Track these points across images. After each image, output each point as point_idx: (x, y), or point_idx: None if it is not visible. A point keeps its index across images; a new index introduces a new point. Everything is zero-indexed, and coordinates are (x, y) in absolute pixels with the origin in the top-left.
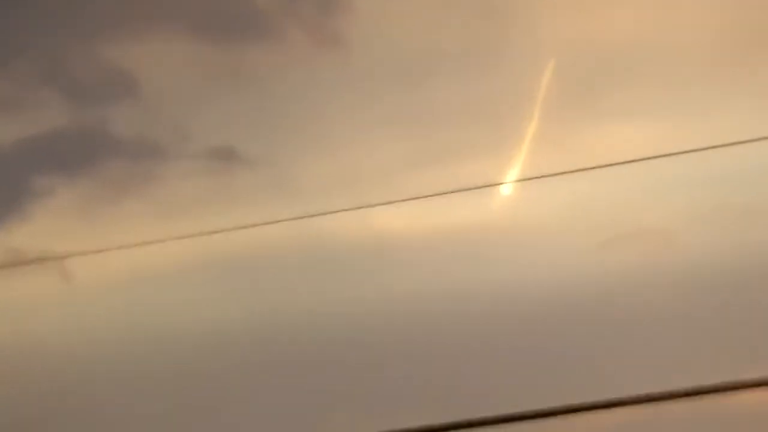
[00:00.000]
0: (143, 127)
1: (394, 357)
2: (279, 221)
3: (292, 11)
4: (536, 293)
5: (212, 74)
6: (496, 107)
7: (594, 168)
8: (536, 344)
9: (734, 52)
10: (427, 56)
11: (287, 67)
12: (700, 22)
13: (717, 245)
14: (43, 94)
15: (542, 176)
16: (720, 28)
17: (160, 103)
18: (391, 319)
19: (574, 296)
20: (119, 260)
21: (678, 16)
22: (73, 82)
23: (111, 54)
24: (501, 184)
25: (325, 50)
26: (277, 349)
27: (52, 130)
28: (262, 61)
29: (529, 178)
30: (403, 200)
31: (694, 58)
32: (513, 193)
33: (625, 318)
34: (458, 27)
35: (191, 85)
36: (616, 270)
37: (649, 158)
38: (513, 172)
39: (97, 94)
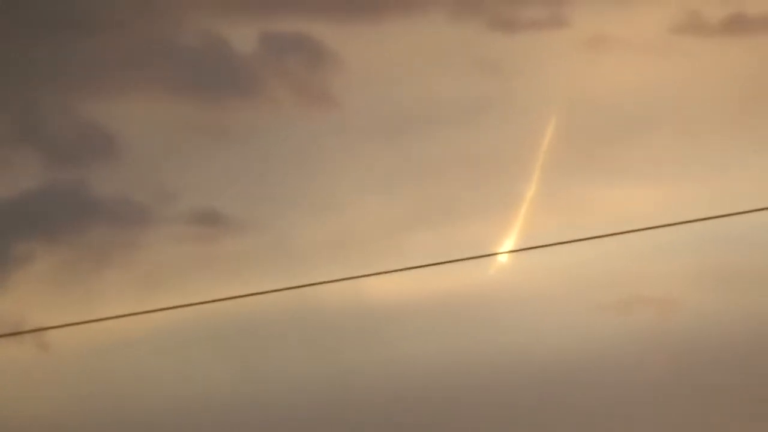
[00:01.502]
0: (125, 189)
1: (386, 426)
2: (268, 292)
3: (280, 68)
4: (535, 362)
5: (197, 133)
6: (494, 166)
7: (596, 237)
8: (534, 413)
9: (749, 108)
10: (422, 112)
11: (276, 126)
12: (718, 75)
13: (721, 312)
14: (20, 153)
15: (542, 246)
16: (737, 82)
17: (142, 164)
18: (385, 389)
19: (573, 364)
20: (99, 331)
21: (689, 71)
22: (51, 140)
23: (91, 112)
24: (498, 254)
25: (314, 107)
26: (262, 420)
27: (30, 191)
28: (249, 120)
29: (528, 248)
30: (398, 270)
31: (706, 114)
32: (511, 259)
33: (626, 385)
34: (455, 81)
35: (175, 144)
36: (617, 338)
37: (652, 228)
38: (511, 239)
39: (76, 153)
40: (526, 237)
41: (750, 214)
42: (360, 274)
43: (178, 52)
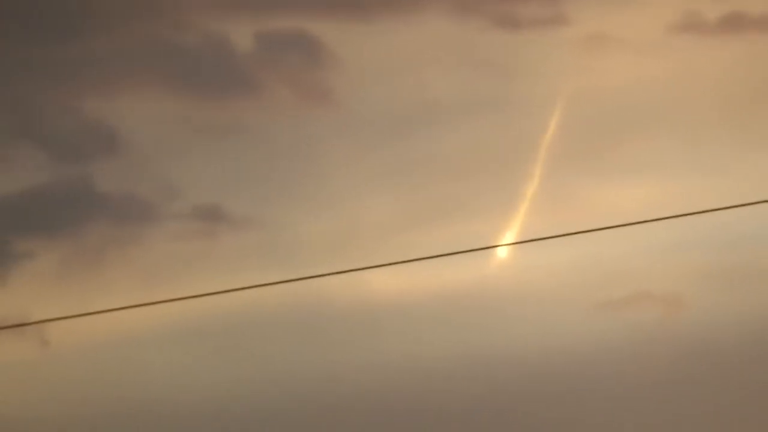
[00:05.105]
0: (127, 185)
1: (385, 422)
2: (267, 285)
3: (280, 66)
4: (534, 358)
5: (198, 130)
6: (495, 163)
7: (597, 230)
8: (533, 410)
9: (747, 106)
10: (421, 109)
11: (276, 122)
12: (715, 74)
13: (725, 309)
14: (21, 149)
15: (542, 238)
16: (735, 81)
17: (143, 160)
18: (384, 383)
19: (573, 360)
20: (100, 326)
21: (690, 67)
22: (52, 137)
23: (92, 109)
24: (499, 246)
25: (313, 105)
26: (262, 415)
27: (32, 188)
28: (250, 117)
29: (529, 240)
30: (398, 263)
31: (705, 112)
32: (511, 254)
33: (629, 385)
34: (454, 79)
35: (176, 141)
36: (620, 335)
37: (655, 220)
38: (511, 234)
39: (78, 150)
40: (528, 233)
41: (754, 206)
42: (360, 267)
43: (179, 51)
